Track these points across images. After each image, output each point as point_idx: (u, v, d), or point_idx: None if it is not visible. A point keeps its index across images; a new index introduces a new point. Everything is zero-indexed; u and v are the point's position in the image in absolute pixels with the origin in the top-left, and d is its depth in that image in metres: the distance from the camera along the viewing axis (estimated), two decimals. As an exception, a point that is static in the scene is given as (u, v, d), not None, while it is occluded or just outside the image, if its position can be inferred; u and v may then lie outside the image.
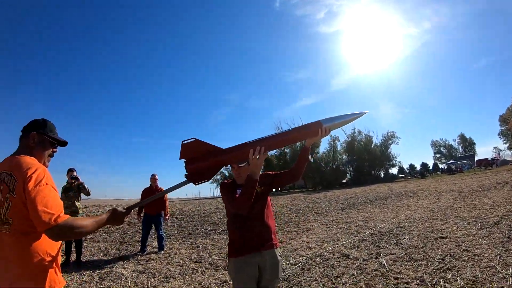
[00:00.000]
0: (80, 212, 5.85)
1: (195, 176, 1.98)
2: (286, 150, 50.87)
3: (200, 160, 1.98)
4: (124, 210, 1.75)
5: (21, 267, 1.42)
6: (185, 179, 2.00)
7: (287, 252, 5.73)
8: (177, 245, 7.24)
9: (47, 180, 1.46)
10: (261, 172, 2.32)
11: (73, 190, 5.74)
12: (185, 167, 1.98)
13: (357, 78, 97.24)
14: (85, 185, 5.85)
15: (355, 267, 4.41)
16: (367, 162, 47.09)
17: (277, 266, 2.18)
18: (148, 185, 6.82)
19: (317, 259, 5.12)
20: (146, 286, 4.25)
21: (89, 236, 8.17)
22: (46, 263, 1.47)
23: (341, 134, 50.92)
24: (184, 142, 1.95)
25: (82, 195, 5.94)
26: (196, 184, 1.99)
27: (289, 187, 53.26)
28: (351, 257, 4.98)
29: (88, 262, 5.78)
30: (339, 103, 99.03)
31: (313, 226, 8.78)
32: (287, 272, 4.45)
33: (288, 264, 4.91)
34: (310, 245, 6.19)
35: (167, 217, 6.85)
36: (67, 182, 5.83)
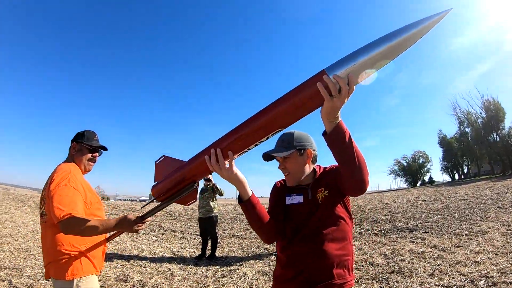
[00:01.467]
0: (215, 211, 6.35)
1: (162, 197, 1.58)
2: (466, 129, 40.45)
3: (165, 179, 1.57)
4: (135, 218, 1.74)
5: (49, 254, 1.77)
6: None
7: (445, 266, 4.39)
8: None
9: (68, 182, 1.75)
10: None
11: (207, 191, 6.34)
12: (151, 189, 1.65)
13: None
14: (218, 186, 6.33)
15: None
16: None
17: None
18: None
19: (481, 282, 3.65)
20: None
21: (239, 233, 8.78)
22: (70, 252, 1.75)
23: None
24: (156, 162, 1.66)
25: (217, 196, 6.47)
26: (187, 205, 1.63)
27: (473, 173, 43.96)
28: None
29: (222, 258, 6.11)
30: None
31: (491, 228, 6.54)
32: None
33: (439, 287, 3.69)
34: (478, 259, 4.54)
35: None
36: (203, 184, 6.41)
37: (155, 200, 1.62)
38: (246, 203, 1.40)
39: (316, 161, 1.61)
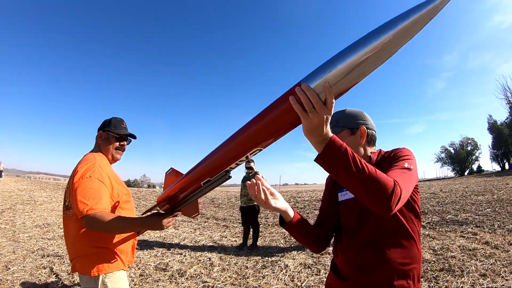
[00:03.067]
0: None
1: (165, 206, 1.66)
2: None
3: (167, 190, 1.64)
4: (164, 213, 1.65)
5: (75, 249, 1.71)
6: None
7: (498, 266, 4.13)
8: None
9: (93, 173, 1.66)
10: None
11: (249, 179, 6.28)
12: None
13: None
14: (260, 174, 6.27)
15: None
16: None
17: None
18: None
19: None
20: (301, 285, 4.02)
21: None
22: (97, 248, 1.68)
23: None
24: (166, 173, 1.76)
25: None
26: (192, 217, 1.84)
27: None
28: None
29: (264, 248, 6.14)
30: None
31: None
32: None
33: None
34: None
35: None
36: (245, 172, 6.44)
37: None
38: (288, 226, 1.31)
39: (375, 143, 1.38)
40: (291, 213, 1.30)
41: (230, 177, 1.28)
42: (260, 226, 6.96)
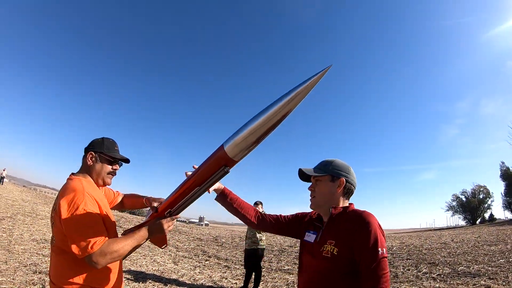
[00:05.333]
0: (262, 243, 6.09)
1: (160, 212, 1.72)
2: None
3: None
4: (163, 217, 1.64)
5: (56, 280, 1.52)
6: None
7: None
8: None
9: (85, 205, 1.49)
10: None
11: None
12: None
13: None
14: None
15: None
16: None
17: None
18: None
19: None
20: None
21: (286, 267, 8.41)
22: (79, 285, 1.50)
23: None
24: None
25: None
26: (162, 247, 1.95)
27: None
28: None
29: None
30: None
31: None
32: None
33: None
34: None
35: None
36: None
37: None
38: (220, 197, 1.81)
39: (349, 197, 1.57)
40: (221, 186, 1.82)
41: (228, 171, 1.41)
42: (263, 270, 6.70)
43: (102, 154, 1.74)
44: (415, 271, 7.57)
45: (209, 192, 1.62)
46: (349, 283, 1.32)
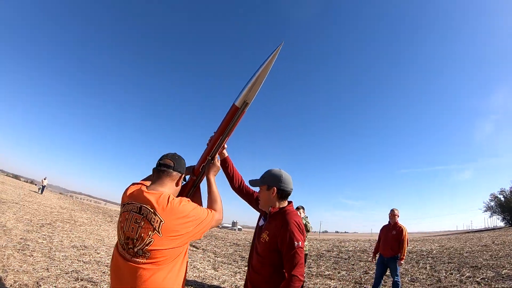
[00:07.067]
0: (306, 249, 6.20)
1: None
2: None
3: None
4: (211, 159, 2.11)
5: None
6: None
7: None
8: (419, 295, 6.03)
9: (186, 201, 1.73)
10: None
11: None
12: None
13: None
14: (306, 220, 6.29)
15: None
16: None
17: None
18: (387, 222, 5.98)
19: None
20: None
21: (326, 272, 8.33)
22: None
23: None
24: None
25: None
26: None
27: None
28: None
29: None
30: None
31: None
32: None
33: None
34: None
35: (402, 261, 5.56)
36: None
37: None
38: (222, 161, 2.33)
39: (286, 198, 2.10)
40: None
41: (247, 103, 1.89)
42: (304, 275, 6.68)
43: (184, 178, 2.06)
44: (458, 275, 7.44)
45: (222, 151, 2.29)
46: (274, 258, 1.88)
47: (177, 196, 1.77)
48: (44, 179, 27.77)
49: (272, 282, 1.85)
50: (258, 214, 2.28)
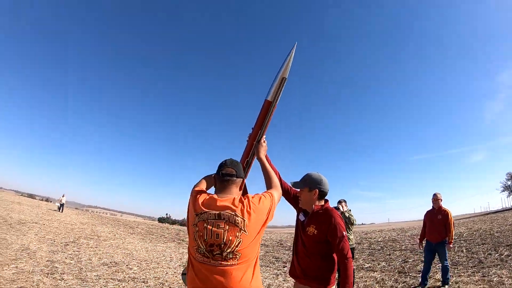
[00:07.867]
0: (351, 242, 5.75)
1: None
2: None
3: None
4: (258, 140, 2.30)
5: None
6: None
7: None
8: (465, 277, 5.93)
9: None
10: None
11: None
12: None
13: None
14: (349, 213, 5.82)
15: None
16: None
17: None
18: (431, 207, 5.92)
19: None
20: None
21: (366, 265, 8.17)
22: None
23: None
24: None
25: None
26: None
27: None
28: None
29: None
30: None
31: None
32: None
33: None
34: None
35: (451, 245, 5.52)
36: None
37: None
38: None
39: (323, 198, 2.35)
40: None
41: (285, 78, 2.14)
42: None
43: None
44: (497, 254, 7.45)
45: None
46: (321, 248, 2.19)
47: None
48: (63, 196, 27.46)
49: (323, 267, 2.19)
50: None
